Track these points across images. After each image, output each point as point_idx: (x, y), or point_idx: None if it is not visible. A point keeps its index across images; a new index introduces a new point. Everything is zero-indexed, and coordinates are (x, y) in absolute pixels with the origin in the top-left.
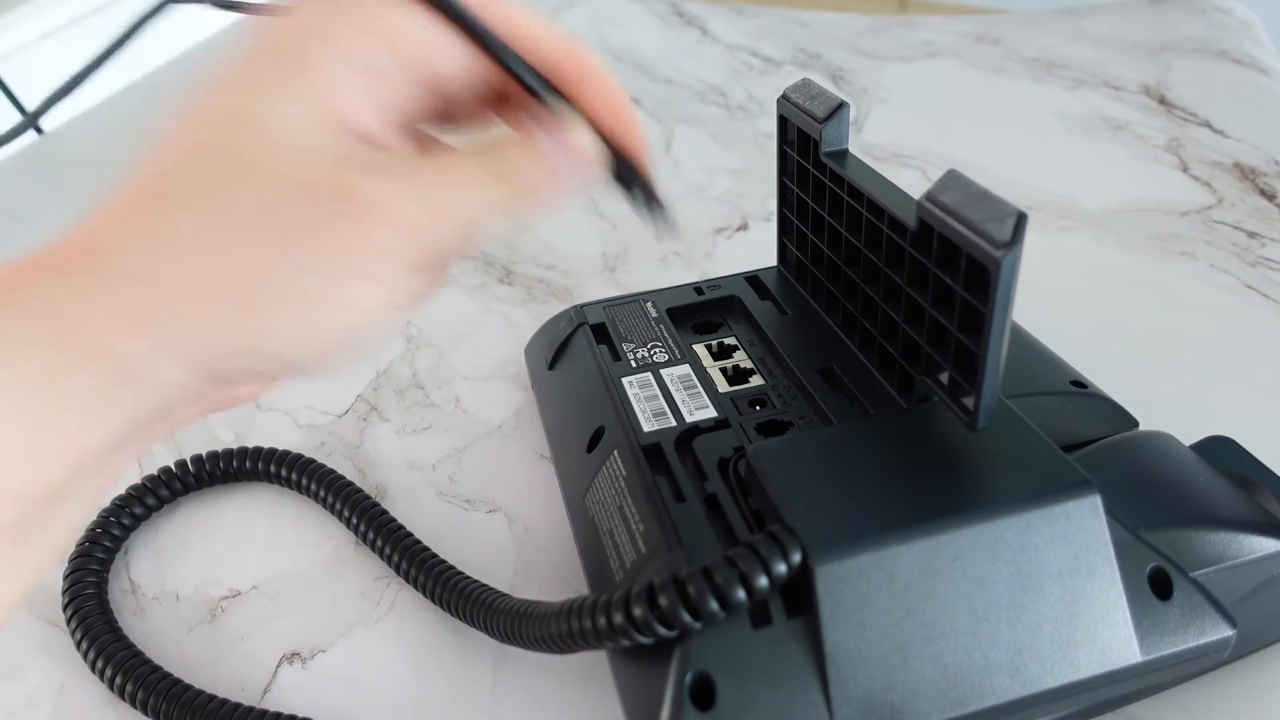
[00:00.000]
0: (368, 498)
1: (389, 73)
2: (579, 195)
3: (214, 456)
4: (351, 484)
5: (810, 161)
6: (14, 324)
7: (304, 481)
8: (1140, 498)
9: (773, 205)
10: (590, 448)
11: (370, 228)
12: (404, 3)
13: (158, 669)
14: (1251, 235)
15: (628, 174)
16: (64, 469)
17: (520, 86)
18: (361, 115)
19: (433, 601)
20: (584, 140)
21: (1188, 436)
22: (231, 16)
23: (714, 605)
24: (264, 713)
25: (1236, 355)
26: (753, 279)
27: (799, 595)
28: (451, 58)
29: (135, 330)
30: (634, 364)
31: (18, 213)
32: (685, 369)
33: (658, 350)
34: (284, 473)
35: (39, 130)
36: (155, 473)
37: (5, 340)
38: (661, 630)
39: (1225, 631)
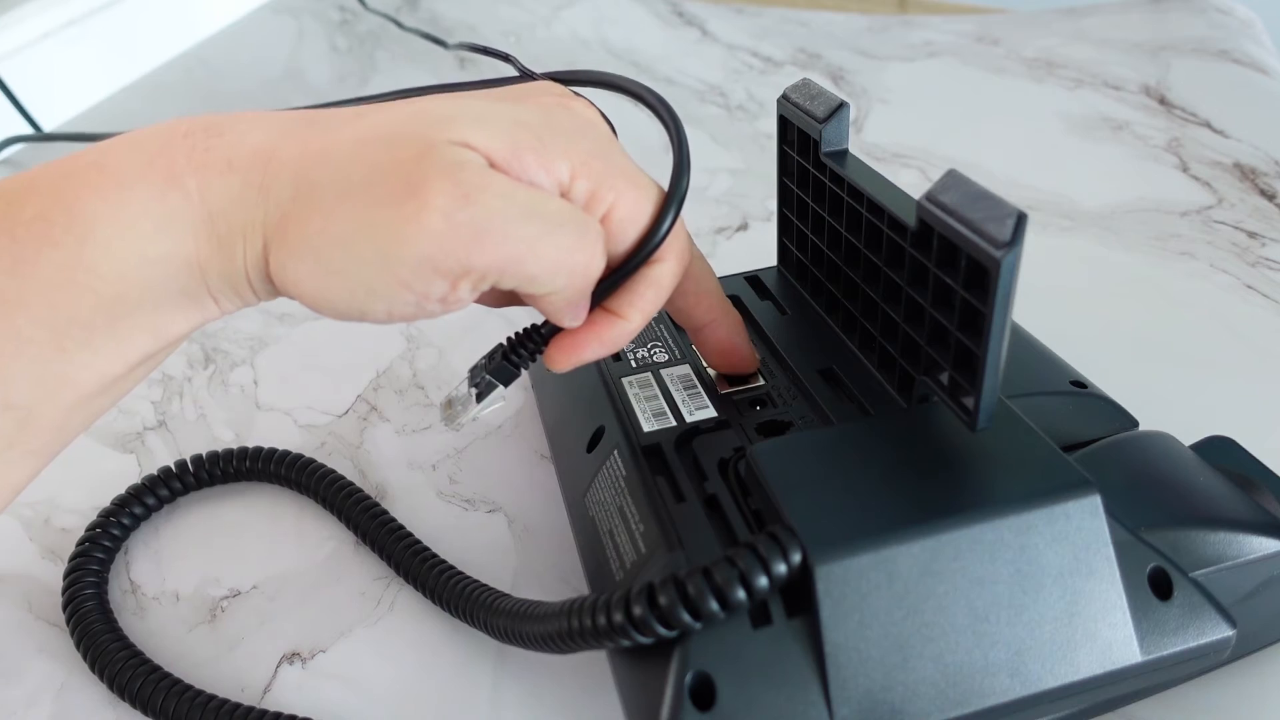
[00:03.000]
0: (368, 498)
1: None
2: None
3: (214, 456)
4: (351, 484)
5: (810, 161)
6: None
7: (304, 481)
8: (1140, 498)
9: (773, 205)
10: (590, 448)
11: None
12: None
13: (158, 669)
14: (1251, 235)
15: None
16: None
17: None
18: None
19: (433, 601)
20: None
21: (1188, 436)
22: (241, 11)
23: (714, 605)
24: (264, 713)
25: (1236, 355)
26: (753, 279)
27: (799, 595)
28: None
29: None
30: (634, 364)
31: None
32: (685, 369)
33: (658, 350)
34: (284, 473)
35: (38, 129)
36: (155, 473)
37: None
38: (661, 630)
39: (1225, 631)
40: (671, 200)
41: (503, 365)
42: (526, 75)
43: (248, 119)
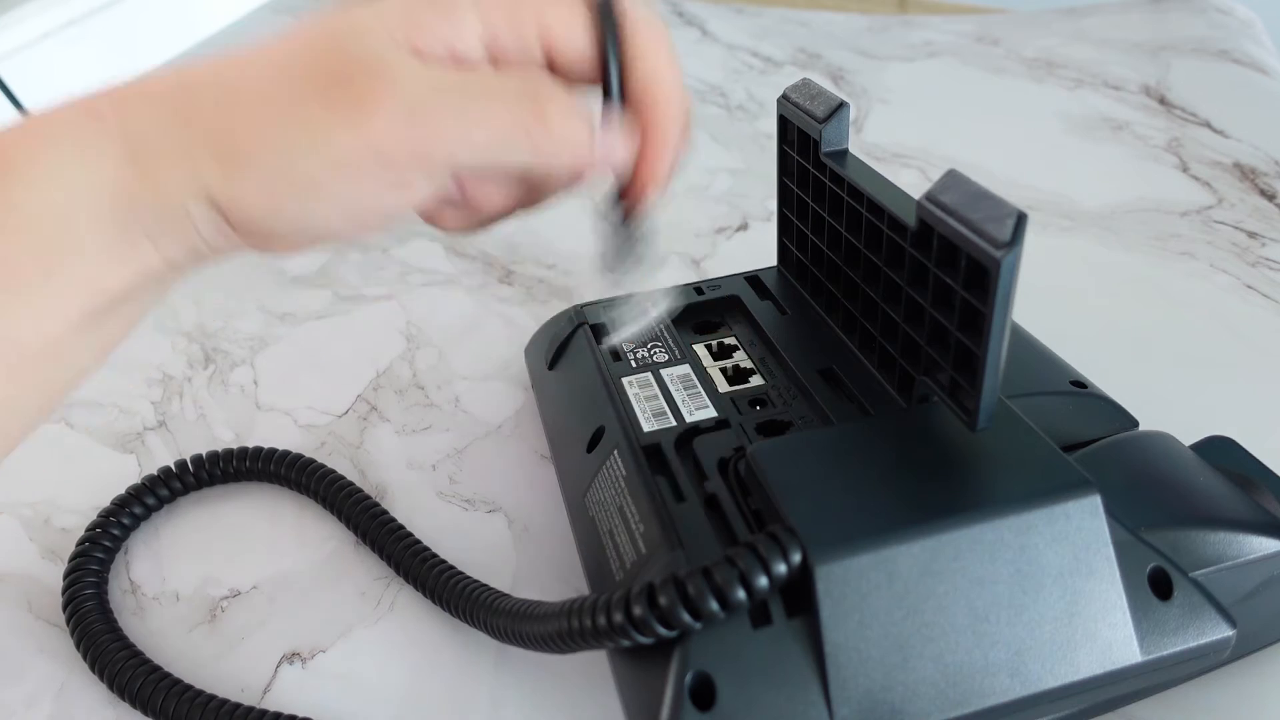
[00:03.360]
0: (368, 498)
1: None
2: (579, 195)
3: (214, 456)
4: (351, 484)
5: (810, 161)
6: None
7: (304, 481)
8: (1140, 498)
9: (773, 205)
10: (590, 448)
11: None
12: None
13: (158, 669)
14: (1251, 235)
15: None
16: None
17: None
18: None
19: (433, 601)
20: (623, 154)
21: (1188, 436)
22: (241, 11)
23: (714, 605)
24: (264, 713)
25: (1236, 355)
26: (753, 279)
27: (799, 595)
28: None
29: None
30: (634, 364)
31: None
32: (685, 369)
33: (658, 350)
34: (284, 473)
35: None
36: (155, 473)
37: None
38: (661, 630)
39: (1225, 631)
40: None
41: (616, 208)
42: None
43: (172, 67)
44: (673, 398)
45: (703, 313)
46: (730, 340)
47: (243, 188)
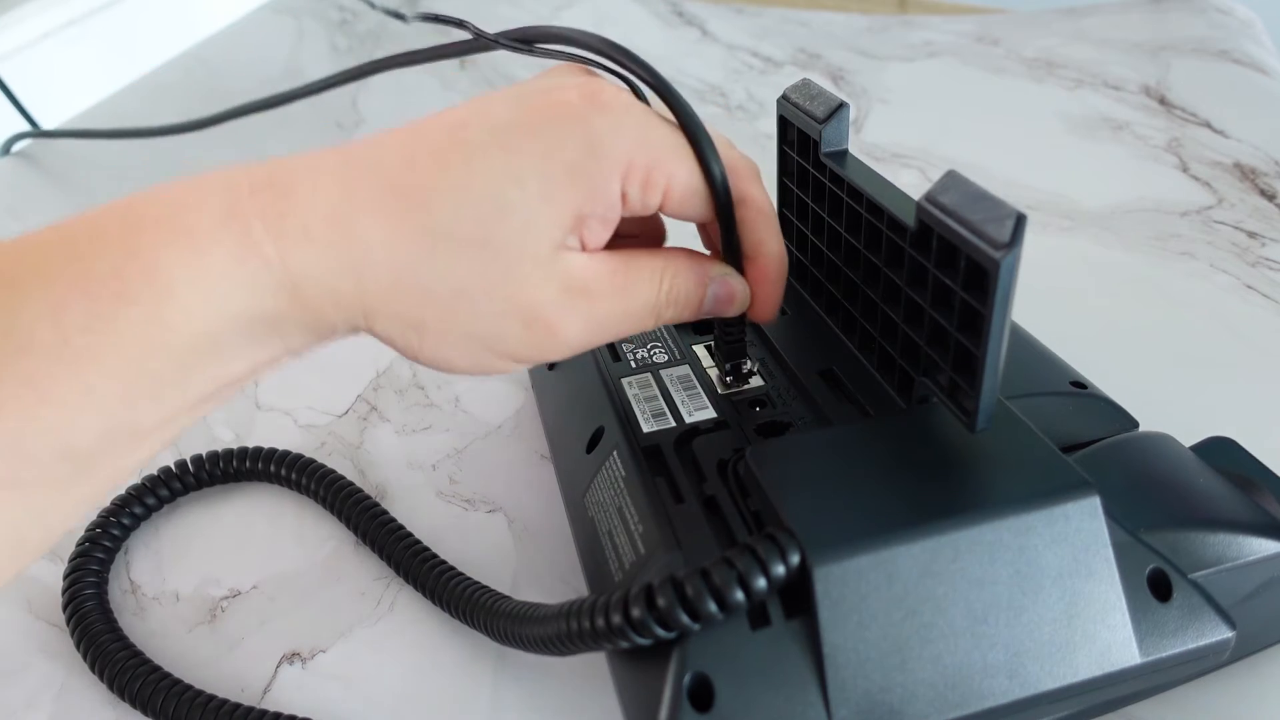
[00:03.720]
0: (368, 498)
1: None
2: None
3: (214, 456)
4: (351, 484)
5: (810, 162)
6: None
7: (304, 481)
8: (1140, 499)
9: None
10: (590, 448)
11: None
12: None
13: (158, 669)
14: (1251, 235)
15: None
16: None
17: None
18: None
19: (433, 602)
20: (739, 292)
21: (1188, 436)
22: (241, 11)
23: (712, 606)
24: (264, 713)
25: (1236, 355)
26: None
27: (797, 596)
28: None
29: None
30: (634, 364)
31: (18, 212)
32: (685, 370)
33: (657, 351)
34: (284, 473)
35: (37, 128)
36: (155, 473)
37: None
38: (660, 631)
39: (1224, 633)
40: (701, 149)
41: (730, 348)
42: (481, 38)
43: (305, 170)
44: (672, 398)
45: None
46: None
47: (405, 338)
